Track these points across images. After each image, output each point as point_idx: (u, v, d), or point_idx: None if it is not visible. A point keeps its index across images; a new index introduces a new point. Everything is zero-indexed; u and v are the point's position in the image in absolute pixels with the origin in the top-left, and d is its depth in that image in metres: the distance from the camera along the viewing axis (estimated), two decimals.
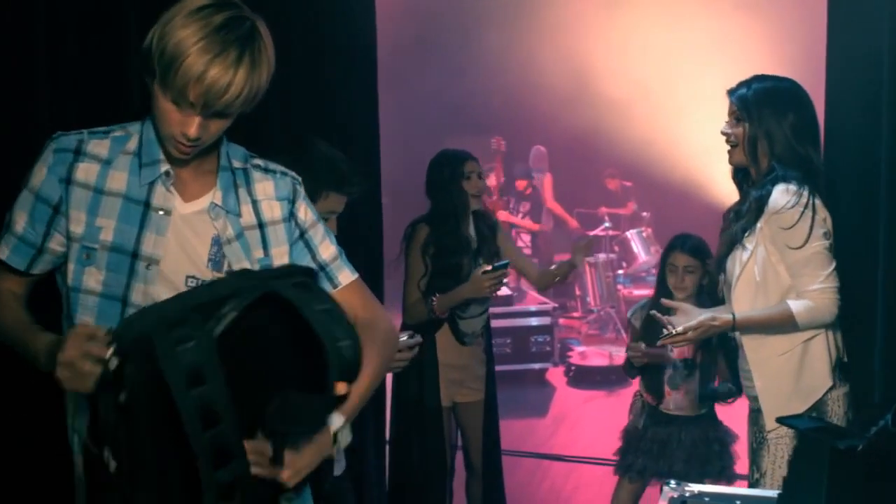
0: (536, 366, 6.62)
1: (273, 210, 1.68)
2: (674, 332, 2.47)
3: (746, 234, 2.44)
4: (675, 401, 3.16)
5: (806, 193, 2.35)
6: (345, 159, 2.41)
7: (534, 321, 6.67)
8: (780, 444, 2.38)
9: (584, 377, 6.48)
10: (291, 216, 1.70)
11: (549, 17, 9.26)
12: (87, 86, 2.27)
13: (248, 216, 1.66)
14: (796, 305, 2.34)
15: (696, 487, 1.64)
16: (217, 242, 1.61)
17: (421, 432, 3.30)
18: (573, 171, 9.40)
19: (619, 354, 6.12)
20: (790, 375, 2.40)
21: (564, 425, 5.59)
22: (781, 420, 1.55)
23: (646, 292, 6.12)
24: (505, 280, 3.23)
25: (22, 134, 2.09)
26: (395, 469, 3.43)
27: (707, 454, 3.11)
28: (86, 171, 1.57)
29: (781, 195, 2.36)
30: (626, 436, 3.28)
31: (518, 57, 9.32)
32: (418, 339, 2.39)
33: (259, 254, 1.65)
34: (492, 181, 8.63)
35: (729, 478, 3.10)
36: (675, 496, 1.61)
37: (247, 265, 1.62)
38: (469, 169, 3.29)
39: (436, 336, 3.27)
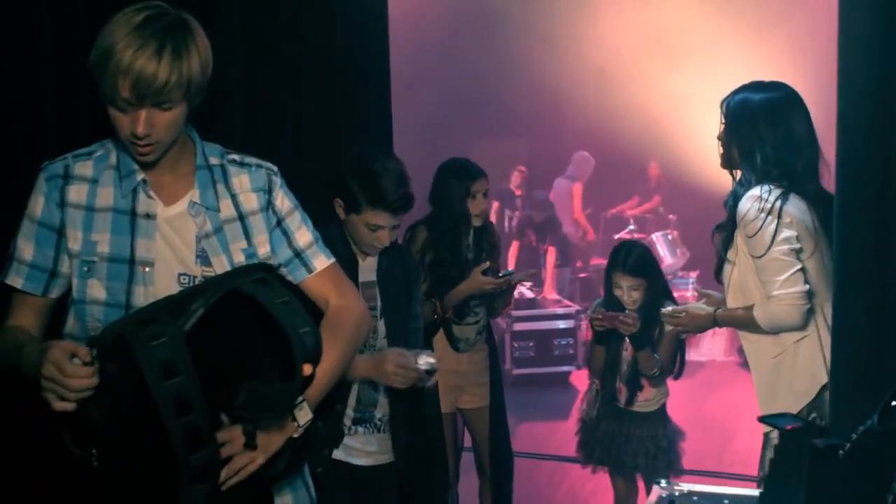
0: (560, 369, 6.63)
1: (250, 201, 1.77)
2: (669, 310, 2.84)
3: (729, 248, 2.53)
4: (625, 396, 3.27)
5: (772, 198, 2.41)
6: (392, 176, 2.45)
7: (557, 324, 6.68)
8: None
9: None
10: (269, 205, 1.78)
11: (575, 16, 9.25)
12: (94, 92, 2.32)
13: (227, 210, 1.74)
14: (757, 309, 2.42)
15: (685, 486, 1.67)
16: (199, 238, 1.71)
17: (422, 438, 3.32)
18: (598, 171, 9.40)
19: None
20: (783, 378, 2.45)
21: None
22: (764, 419, 1.57)
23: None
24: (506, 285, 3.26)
25: (28, 140, 2.14)
26: (398, 474, 3.46)
27: (655, 451, 3.22)
28: (77, 193, 1.68)
29: (745, 203, 2.45)
30: (583, 427, 3.42)
31: (543, 57, 9.33)
32: (433, 362, 2.40)
33: (242, 244, 1.74)
34: (515, 181, 8.66)
35: (677, 472, 3.23)
36: (664, 494, 1.63)
37: (224, 259, 1.70)
38: (475, 189, 3.25)
39: (433, 342, 3.28)
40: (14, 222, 1.72)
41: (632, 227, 8.31)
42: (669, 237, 7.99)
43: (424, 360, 2.37)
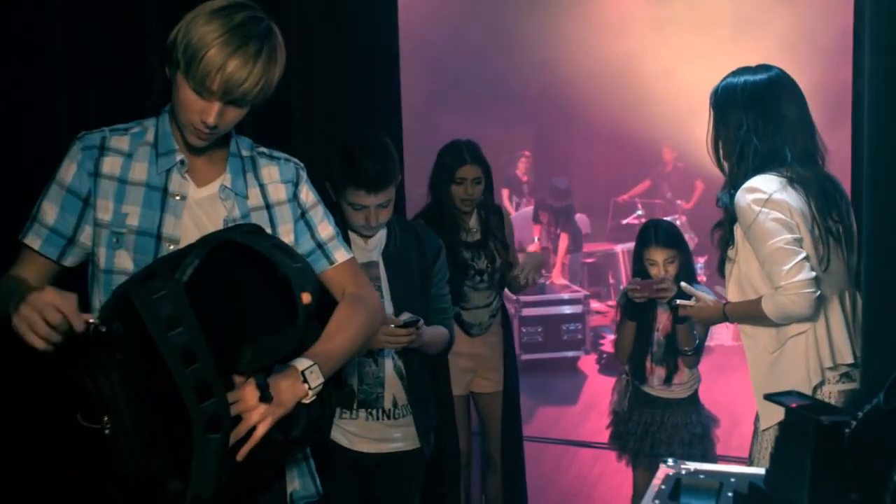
0: (568, 354, 6.66)
1: (279, 192, 1.85)
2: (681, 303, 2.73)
3: (729, 245, 2.48)
4: (658, 378, 3.19)
5: (768, 188, 2.34)
6: (369, 155, 2.42)
7: (566, 309, 6.70)
8: (767, 437, 2.40)
9: (615, 365, 6.47)
10: (295, 197, 1.87)
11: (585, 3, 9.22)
12: (106, 80, 2.33)
13: (255, 199, 1.82)
14: (765, 301, 2.35)
15: (691, 465, 1.68)
16: (226, 222, 1.77)
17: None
18: (609, 157, 9.39)
19: None
20: (777, 374, 2.41)
21: (594, 413, 5.61)
22: (769, 397, 1.59)
23: None
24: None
25: (42, 126, 2.17)
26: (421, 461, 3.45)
27: (690, 438, 3.15)
28: (111, 165, 1.72)
29: (742, 196, 2.37)
30: (615, 418, 3.33)
31: (552, 44, 9.30)
32: (420, 320, 2.39)
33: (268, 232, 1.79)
34: (521, 168, 8.65)
35: (712, 461, 3.11)
36: (671, 473, 1.65)
37: None
38: (461, 175, 3.21)
39: None
40: (27, 214, 1.74)
41: (640, 212, 8.32)
42: (677, 223, 7.99)
43: (405, 315, 2.38)
